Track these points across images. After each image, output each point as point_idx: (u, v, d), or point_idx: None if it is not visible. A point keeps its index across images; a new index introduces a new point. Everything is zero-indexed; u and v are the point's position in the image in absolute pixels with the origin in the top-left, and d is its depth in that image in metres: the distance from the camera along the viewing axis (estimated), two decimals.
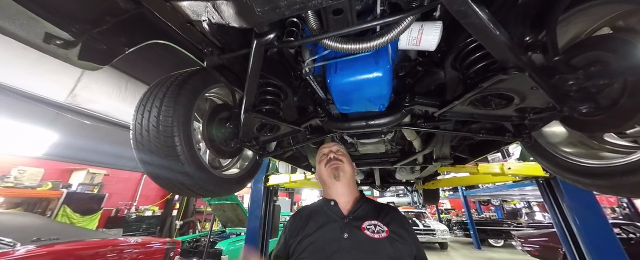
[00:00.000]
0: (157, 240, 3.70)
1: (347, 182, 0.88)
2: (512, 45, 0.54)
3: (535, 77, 0.58)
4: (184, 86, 0.89)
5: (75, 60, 0.78)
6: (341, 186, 0.87)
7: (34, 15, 0.68)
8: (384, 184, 3.59)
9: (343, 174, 0.87)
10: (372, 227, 0.75)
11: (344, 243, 0.72)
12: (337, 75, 0.80)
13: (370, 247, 0.70)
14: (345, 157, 0.94)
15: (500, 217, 12.12)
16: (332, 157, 0.92)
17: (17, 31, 0.71)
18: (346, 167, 0.90)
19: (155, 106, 0.84)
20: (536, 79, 0.58)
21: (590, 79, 0.65)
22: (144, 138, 0.84)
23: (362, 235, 0.73)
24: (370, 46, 0.63)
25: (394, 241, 0.72)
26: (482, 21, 0.49)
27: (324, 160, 0.94)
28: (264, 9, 0.43)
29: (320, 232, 0.77)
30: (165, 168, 0.82)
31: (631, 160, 0.58)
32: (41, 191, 4.71)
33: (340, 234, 0.74)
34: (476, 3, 0.47)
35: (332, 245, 0.72)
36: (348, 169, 0.90)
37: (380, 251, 0.70)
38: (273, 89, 1.03)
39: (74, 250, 2.50)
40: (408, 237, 0.76)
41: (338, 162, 0.90)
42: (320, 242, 0.74)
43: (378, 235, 0.73)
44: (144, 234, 6.18)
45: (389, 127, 1.02)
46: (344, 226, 0.76)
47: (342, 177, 0.87)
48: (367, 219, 0.77)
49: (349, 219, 0.79)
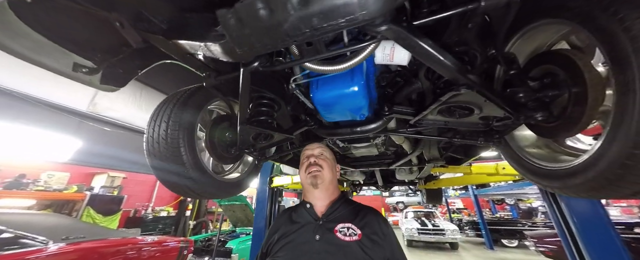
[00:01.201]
0: (172, 239, 3.94)
1: (325, 188, 0.90)
2: (459, 68, 0.62)
3: (484, 93, 0.66)
4: (188, 102, 1.03)
5: (97, 85, 0.93)
6: (318, 192, 0.90)
7: (66, 50, 0.82)
8: (387, 184, 3.64)
9: (321, 182, 0.89)
10: (345, 229, 0.76)
11: (316, 245, 0.74)
12: (319, 90, 0.90)
13: (340, 249, 0.72)
14: (326, 161, 0.95)
15: (515, 216, 11.73)
16: (313, 162, 0.92)
17: (52, 64, 0.86)
18: (325, 173, 0.91)
19: (164, 121, 0.98)
20: (486, 94, 0.66)
21: (542, 90, 0.72)
22: (155, 148, 0.97)
23: (334, 237, 0.75)
24: (341, 68, 0.73)
25: (365, 245, 0.73)
26: (426, 50, 0.57)
27: (305, 164, 0.95)
28: (243, 49, 0.54)
29: (296, 233, 0.80)
30: (173, 174, 0.95)
31: (574, 164, 0.65)
32: (68, 194, 5.11)
33: (312, 235, 0.77)
34: (419, 36, 0.56)
35: (304, 246, 0.75)
36: (327, 175, 0.91)
37: (349, 254, 0.71)
38: (267, 101, 1.14)
39: (98, 248, 2.74)
40: (382, 241, 0.76)
41: (317, 171, 0.90)
42: (294, 243, 0.77)
43: (349, 238, 0.74)
44: (160, 233, 6.51)
45: (372, 133, 1.11)
46: (317, 228, 0.79)
47: (320, 185, 0.89)
48: (342, 222, 0.79)
49: (323, 221, 0.81)
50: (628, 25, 0.47)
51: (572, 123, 0.68)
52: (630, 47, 0.47)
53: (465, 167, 1.84)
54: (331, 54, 0.66)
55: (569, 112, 0.69)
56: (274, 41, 0.52)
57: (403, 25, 0.54)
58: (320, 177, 0.89)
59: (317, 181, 0.89)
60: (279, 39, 0.51)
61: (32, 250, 2.25)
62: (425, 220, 8.90)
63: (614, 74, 0.52)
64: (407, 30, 0.55)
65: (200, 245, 4.53)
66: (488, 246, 8.57)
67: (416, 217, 9.89)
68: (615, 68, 0.51)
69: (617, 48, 0.50)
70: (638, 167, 0.50)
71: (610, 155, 0.54)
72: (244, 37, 0.51)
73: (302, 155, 1.02)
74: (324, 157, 0.96)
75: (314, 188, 0.89)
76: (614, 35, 0.50)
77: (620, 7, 0.49)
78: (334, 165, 0.98)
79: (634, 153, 0.49)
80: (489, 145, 1.03)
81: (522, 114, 0.73)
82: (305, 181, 0.93)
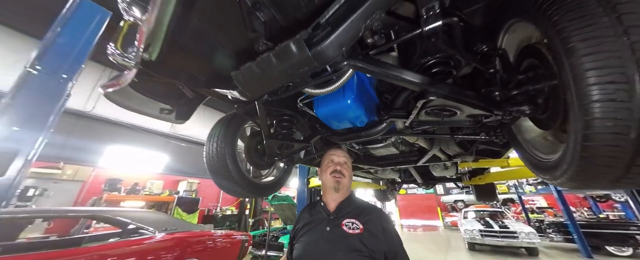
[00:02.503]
0: (237, 233, 4.71)
1: (343, 192, 1.05)
2: (421, 81, 0.73)
3: (452, 97, 0.74)
4: (229, 126, 1.38)
5: (173, 121, 1.36)
6: (336, 194, 1.05)
7: (155, 101, 1.26)
8: (427, 181, 3.48)
9: (342, 187, 1.04)
10: (350, 224, 0.92)
11: (326, 234, 0.93)
12: (319, 107, 1.10)
13: (344, 239, 0.89)
14: (348, 170, 1.09)
15: (630, 216, 8.97)
16: (338, 170, 1.06)
17: (148, 111, 1.31)
18: (345, 180, 1.05)
19: (214, 141, 1.35)
20: (453, 98, 0.74)
21: (527, 84, 0.74)
22: (211, 161, 1.35)
23: (340, 229, 0.91)
24: (328, 90, 0.91)
25: (365, 237, 0.88)
26: (384, 72, 0.71)
27: (330, 168, 1.08)
28: (250, 93, 0.80)
29: (313, 224, 0.99)
30: (223, 179, 1.31)
31: (557, 156, 0.66)
32: (163, 197, 6.65)
33: (325, 227, 0.95)
34: (375, 63, 0.70)
35: (318, 234, 0.95)
36: (346, 182, 1.06)
37: (350, 243, 0.87)
38: (286, 117, 1.41)
39: (187, 237, 3.56)
40: (382, 235, 0.90)
41: (340, 177, 1.04)
42: (312, 231, 0.97)
43: (352, 231, 0.90)
44: (227, 228, 7.72)
45: (380, 135, 1.24)
46: (328, 221, 0.96)
47: (340, 190, 1.04)
48: (348, 217, 0.95)
49: (333, 217, 0.98)
50: (560, 28, 0.52)
51: (556, 114, 0.69)
52: (562, 49, 0.52)
53: (502, 161, 1.67)
54: (318, 81, 0.85)
55: (550, 104, 0.70)
56: (268, 86, 0.76)
57: (359, 58, 0.70)
58: (342, 183, 1.04)
59: (339, 186, 1.04)
60: (271, 84, 0.75)
61: (147, 237, 3.14)
62: (491, 221, 7.77)
63: (558, 72, 0.56)
64: (363, 61, 0.70)
65: (257, 239, 5.23)
66: (584, 254, 6.88)
67: (479, 217, 8.73)
68: (557, 66, 0.55)
69: (554, 49, 0.54)
70: (594, 159, 0.52)
71: (572, 147, 0.57)
72: (249, 85, 0.77)
73: (326, 158, 1.14)
74: (347, 167, 1.10)
75: (335, 192, 1.04)
76: (551, 36, 0.55)
77: (552, 9, 0.53)
78: (352, 174, 1.14)
79: (585, 146, 0.52)
80: (496, 139, 1.02)
81: (502, 110, 0.76)
82: (328, 183, 1.07)
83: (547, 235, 8.43)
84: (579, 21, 0.47)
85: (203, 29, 0.75)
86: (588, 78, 0.46)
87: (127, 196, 5.84)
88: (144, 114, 1.31)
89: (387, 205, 18.78)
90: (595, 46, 0.45)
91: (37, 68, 1.97)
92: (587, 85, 0.46)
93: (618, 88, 0.44)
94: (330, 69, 0.85)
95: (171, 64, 0.83)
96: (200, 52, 0.82)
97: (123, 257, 2.80)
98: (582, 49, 0.47)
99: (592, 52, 0.46)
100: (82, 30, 2.33)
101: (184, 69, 0.91)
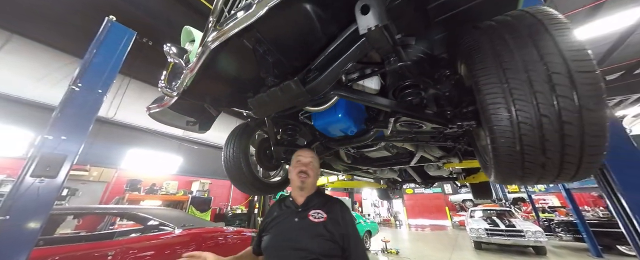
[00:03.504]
0: (246, 230, 5.03)
1: (308, 190, 1.13)
2: (389, 104, 0.96)
3: (412, 115, 0.97)
4: (243, 134, 1.65)
5: (197, 131, 1.64)
6: (301, 191, 1.13)
7: (183, 115, 1.54)
8: (426, 180, 3.66)
9: (306, 186, 1.12)
10: (316, 214, 1.02)
11: (294, 224, 1.02)
12: (316, 120, 1.34)
13: (310, 227, 0.98)
14: (313, 170, 1.16)
15: None
16: (303, 170, 1.13)
17: (177, 123, 1.60)
18: (310, 180, 1.13)
19: (230, 147, 1.62)
20: (412, 115, 0.97)
21: (473, 104, 0.96)
22: (228, 164, 1.63)
23: (307, 219, 1.00)
24: (321, 108, 1.15)
25: (328, 224, 0.97)
26: (360, 98, 0.95)
27: (297, 168, 1.15)
28: (263, 115, 1.05)
29: (283, 216, 1.07)
30: (238, 179, 1.57)
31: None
32: (178, 196, 7.07)
33: (293, 218, 1.04)
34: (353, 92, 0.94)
35: (286, 224, 1.03)
36: (311, 181, 1.14)
37: (316, 230, 0.97)
38: (291, 126, 1.67)
39: (202, 233, 3.89)
40: (342, 221, 1.00)
41: (305, 177, 1.12)
42: (281, 223, 1.05)
43: (317, 220, 1.00)
44: (237, 226, 8.08)
45: (367, 141, 1.47)
46: (297, 213, 1.05)
47: (304, 188, 1.12)
48: (314, 209, 1.05)
49: (301, 209, 1.07)
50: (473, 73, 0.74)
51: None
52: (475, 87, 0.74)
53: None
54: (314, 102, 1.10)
55: None
56: (275, 109, 1.01)
57: (341, 88, 0.94)
58: (306, 183, 1.13)
59: (303, 185, 1.13)
60: (277, 108, 1.00)
61: (167, 232, 3.48)
62: (497, 220, 7.78)
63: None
64: (345, 90, 0.94)
65: None
66: (594, 253, 6.81)
67: (486, 216, 8.73)
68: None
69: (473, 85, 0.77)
70: (501, 164, 0.74)
71: (489, 155, 0.78)
72: (260, 109, 1.02)
73: (294, 158, 1.21)
74: (312, 167, 1.17)
75: (300, 190, 1.14)
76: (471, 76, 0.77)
77: (470, 59, 0.75)
78: (317, 169, 1.21)
79: (495, 154, 0.73)
80: (459, 145, 1.23)
81: (457, 124, 0.98)
82: (294, 182, 1.15)
83: (557, 235, 8.34)
84: (482, 71, 0.70)
85: (225, 66, 1.01)
86: (487, 109, 0.69)
87: (146, 195, 6.28)
88: (175, 126, 1.60)
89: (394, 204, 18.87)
90: (489, 88, 0.68)
91: (79, 85, 2.30)
92: (488, 114, 0.69)
93: (503, 117, 0.66)
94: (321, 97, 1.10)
95: (200, 90, 1.11)
96: (223, 82, 1.09)
97: (147, 249, 3.14)
98: (483, 89, 0.69)
99: (488, 92, 0.68)
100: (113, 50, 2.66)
101: (209, 93, 1.18)
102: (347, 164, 2.21)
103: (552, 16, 0.66)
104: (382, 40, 0.69)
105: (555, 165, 0.65)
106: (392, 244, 8.44)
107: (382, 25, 0.62)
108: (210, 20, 0.95)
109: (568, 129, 0.59)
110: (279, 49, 0.88)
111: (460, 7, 0.84)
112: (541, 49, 0.62)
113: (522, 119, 0.63)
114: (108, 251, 2.77)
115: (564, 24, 0.64)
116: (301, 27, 0.76)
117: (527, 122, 0.62)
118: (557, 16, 0.66)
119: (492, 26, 0.75)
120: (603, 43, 6.45)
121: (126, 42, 2.75)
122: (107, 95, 2.47)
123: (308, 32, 0.78)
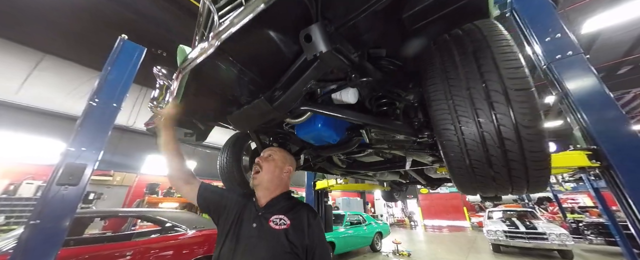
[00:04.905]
0: None
1: (264, 188, 1.01)
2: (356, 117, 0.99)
3: (382, 127, 0.99)
4: (235, 144, 1.74)
5: (194, 142, 1.77)
6: (258, 190, 1.03)
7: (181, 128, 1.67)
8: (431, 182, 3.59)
9: (258, 183, 1.02)
10: (278, 220, 0.91)
11: (252, 230, 0.90)
12: (299, 130, 1.38)
13: (269, 235, 0.88)
14: (269, 163, 1.04)
15: None
16: (257, 162, 1.05)
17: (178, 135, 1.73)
18: (263, 176, 1.02)
19: (224, 156, 1.72)
20: (382, 127, 0.99)
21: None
22: (222, 170, 1.73)
23: (267, 226, 0.89)
24: (300, 120, 1.21)
25: (290, 233, 0.87)
26: (329, 113, 0.99)
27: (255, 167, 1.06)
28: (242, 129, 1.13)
29: (242, 218, 0.95)
30: (230, 185, 1.67)
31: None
32: None
33: (251, 223, 0.92)
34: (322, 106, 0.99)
35: (244, 229, 0.91)
36: (265, 178, 1.01)
37: (276, 239, 0.86)
38: (281, 135, 1.74)
39: (213, 234, 4.10)
40: (307, 230, 0.90)
41: (256, 174, 1.03)
42: (240, 225, 0.93)
43: (278, 227, 0.88)
44: None
45: (352, 148, 1.50)
46: (256, 217, 0.94)
47: (258, 186, 1.02)
48: (276, 214, 0.93)
49: (261, 212, 0.95)
50: (425, 90, 0.76)
51: None
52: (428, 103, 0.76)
53: None
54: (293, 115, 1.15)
55: None
56: (252, 125, 1.09)
57: (311, 103, 0.99)
58: (258, 179, 1.02)
59: (255, 183, 1.03)
60: (253, 123, 1.07)
61: (181, 233, 3.71)
62: (517, 222, 7.35)
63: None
64: (314, 105, 0.99)
65: None
66: (630, 258, 6.21)
67: (505, 217, 8.28)
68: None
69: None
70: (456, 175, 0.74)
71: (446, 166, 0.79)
72: (239, 125, 1.10)
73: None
74: (270, 159, 1.06)
75: (254, 189, 1.04)
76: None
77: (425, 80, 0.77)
78: (279, 167, 1.06)
79: (449, 166, 0.74)
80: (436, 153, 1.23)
81: (426, 133, 0.99)
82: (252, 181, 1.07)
83: (586, 237, 7.71)
84: (432, 87, 0.72)
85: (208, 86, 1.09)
86: (438, 124, 0.71)
87: (164, 198, 6.68)
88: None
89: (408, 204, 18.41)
90: (437, 104, 0.70)
91: (96, 101, 2.54)
92: (438, 129, 0.71)
93: (450, 133, 0.67)
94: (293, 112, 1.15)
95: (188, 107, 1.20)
96: (207, 101, 1.18)
97: (164, 249, 3.37)
98: (433, 104, 0.71)
99: (437, 108, 0.70)
100: (126, 66, 2.89)
101: (196, 110, 1.28)
102: (342, 169, 2.24)
103: (496, 32, 0.67)
104: (336, 61, 0.73)
105: (505, 179, 0.66)
106: (405, 246, 8.27)
107: (328, 50, 0.66)
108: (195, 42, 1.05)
109: (509, 144, 0.60)
110: (251, 69, 0.95)
111: (433, 15, 0.81)
112: (481, 66, 0.63)
113: (467, 135, 0.64)
114: (126, 251, 3.01)
115: (505, 40, 0.64)
116: (267, 49, 0.82)
117: (472, 138, 0.64)
118: (501, 32, 0.67)
119: (445, 40, 0.77)
120: (633, 28, 5.91)
121: (137, 58, 2.97)
122: (123, 107, 2.71)
123: (275, 53, 0.84)
